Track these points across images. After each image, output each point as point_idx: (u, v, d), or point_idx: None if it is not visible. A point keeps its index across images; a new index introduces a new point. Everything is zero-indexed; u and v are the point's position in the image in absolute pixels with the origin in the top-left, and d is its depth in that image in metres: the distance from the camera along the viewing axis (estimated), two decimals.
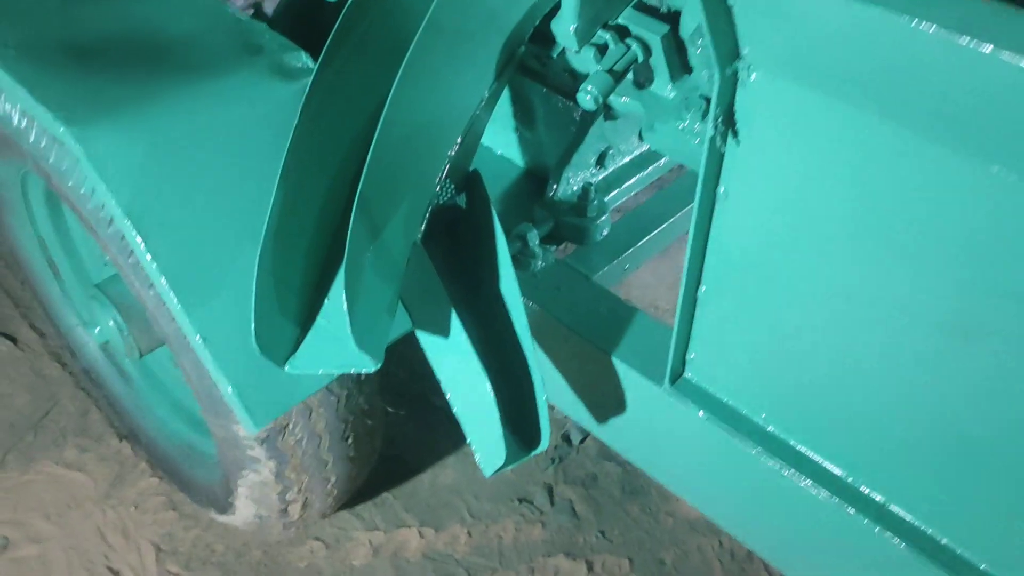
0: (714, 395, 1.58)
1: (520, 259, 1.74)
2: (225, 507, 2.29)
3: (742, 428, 1.55)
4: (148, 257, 1.64)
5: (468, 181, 1.65)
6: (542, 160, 1.99)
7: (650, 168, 2.01)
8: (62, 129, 1.63)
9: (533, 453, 1.60)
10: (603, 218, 1.88)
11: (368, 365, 1.43)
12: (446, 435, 2.82)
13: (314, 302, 1.54)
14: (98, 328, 2.26)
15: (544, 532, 2.62)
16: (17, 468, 2.72)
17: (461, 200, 1.67)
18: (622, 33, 1.71)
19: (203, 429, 2.43)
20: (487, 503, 2.69)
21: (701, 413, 1.57)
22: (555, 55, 1.76)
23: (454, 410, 1.60)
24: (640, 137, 1.78)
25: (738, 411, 1.56)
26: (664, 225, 1.99)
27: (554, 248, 1.87)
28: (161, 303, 1.76)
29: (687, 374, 1.61)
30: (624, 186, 1.97)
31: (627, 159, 2.01)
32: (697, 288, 1.51)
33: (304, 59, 1.86)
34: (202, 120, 1.74)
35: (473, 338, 1.55)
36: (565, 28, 1.68)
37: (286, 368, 1.50)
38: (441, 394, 1.60)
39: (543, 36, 1.69)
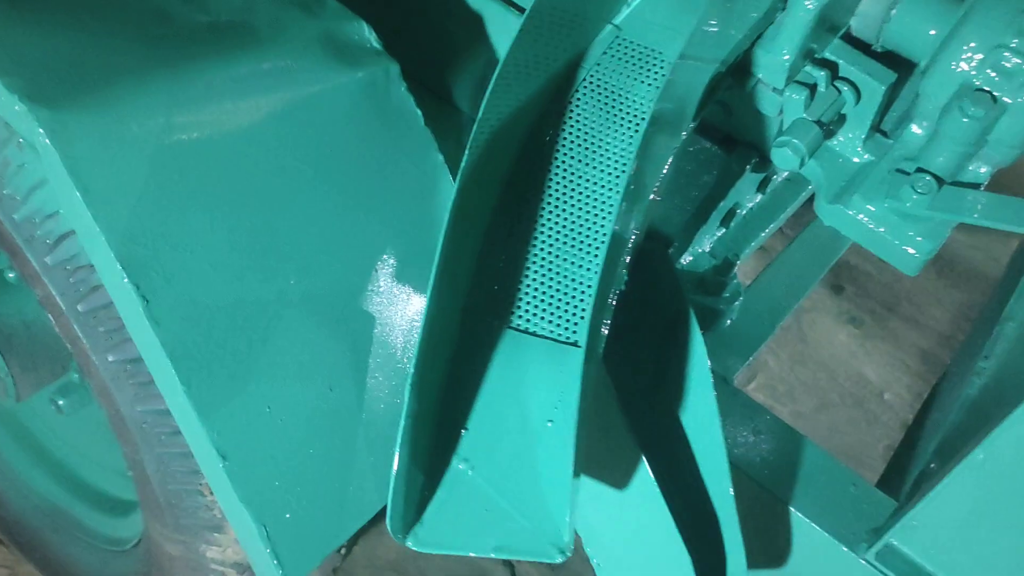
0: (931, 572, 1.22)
1: (703, 307, 1.26)
2: None
3: None
4: (146, 327, 1.04)
5: (642, 254, 1.17)
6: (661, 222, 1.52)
7: (770, 226, 1.60)
8: (18, 107, 0.98)
9: None
10: (737, 302, 1.46)
11: (556, 551, 0.93)
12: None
13: (446, 436, 1.00)
14: None
15: None
16: None
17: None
18: (832, 72, 1.29)
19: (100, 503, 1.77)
20: None
21: None
22: (747, 88, 1.29)
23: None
24: (816, 209, 1.37)
25: None
26: (797, 300, 1.58)
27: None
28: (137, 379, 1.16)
29: (894, 541, 1.23)
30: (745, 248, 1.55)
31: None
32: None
33: (367, 34, 1.27)
34: (235, 117, 1.13)
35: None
36: (774, 57, 1.23)
37: (409, 543, 0.96)
38: None
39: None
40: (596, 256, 1.01)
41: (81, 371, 1.35)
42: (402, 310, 1.24)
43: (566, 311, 1.03)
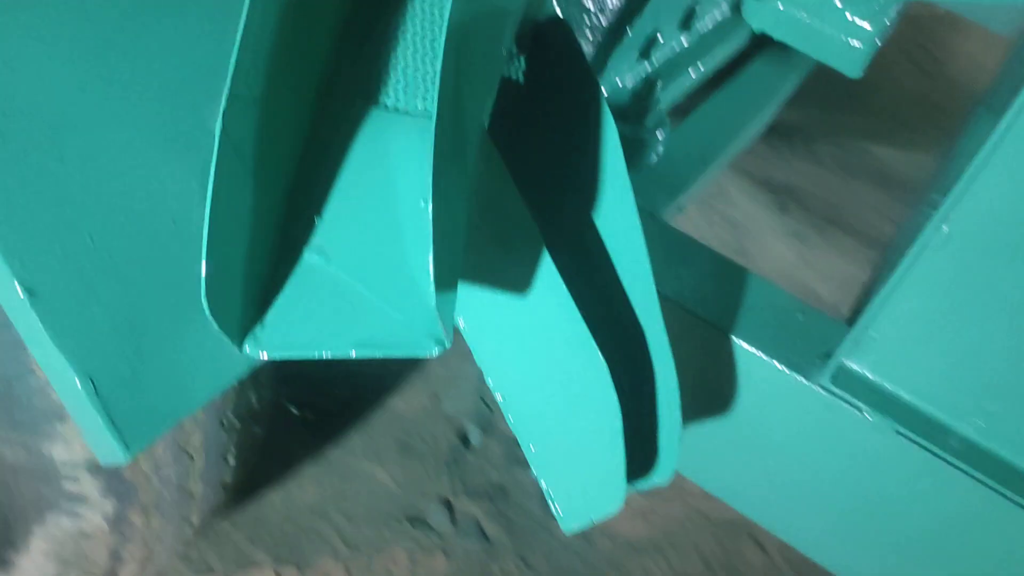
0: (900, 397, 1.04)
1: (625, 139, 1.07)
2: None
3: (939, 440, 1.03)
4: None
5: (537, 36, 0.98)
6: None
7: (702, 64, 1.42)
8: None
9: (648, 484, 0.97)
10: (660, 130, 1.28)
11: (432, 342, 0.74)
12: (299, 442, 2.08)
13: (287, 213, 0.80)
14: None
15: (448, 563, 1.98)
16: None
17: (515, 69, 0.99)
18: None
19: None
20: (366, 527, 2.00)
21: (881, 421, 1.03)
22: None
23: (512, 418, 0.93)
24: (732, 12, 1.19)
25: (934, 418, 1.04)
26: (731, 143, 1.40)
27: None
28: None
29: (855, 366, 1.06)
30: (670, 89, 1.37)
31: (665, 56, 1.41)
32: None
33: None
34: None
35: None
36: None
37: (247, 348, 0.76)
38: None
39: None
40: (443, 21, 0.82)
41: None
42: None
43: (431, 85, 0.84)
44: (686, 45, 1.41)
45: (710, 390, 1.09)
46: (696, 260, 1.15)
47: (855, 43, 1.12)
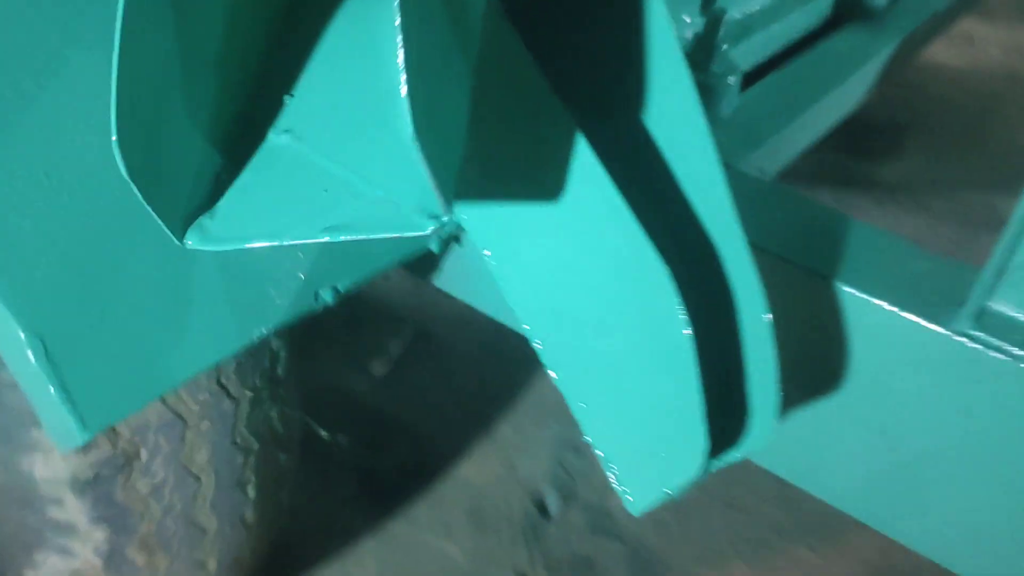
0: None
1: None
2: None
3: None
4: None
5: None
6: None
7: (777, 26, 1.24)
8: None
9: (740, 452, 0.74)
10: (732, 78, 1.09)
11: (427, 216, 0.55)
12: (358, 510, 1.87)
13: (248, 105, 0.64)
14: None
15: None
16: None
17: None
18: None
19: None
20: None
21: None
22: None
23: (555, 372, 0.72)
24: None
25: None
26: (815, 104, 1.20)
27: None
28: None
29: (1000, 307, 0.81)
30: (742, 47, 1.19)
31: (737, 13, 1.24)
32: None
33: None
34: None
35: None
36: None
37: (188, 242, 0.58)
38: None
39: None
40: None
41: None
42: None
43: None
44: (751, 7, 1.23)
45: (816, 359, 0.86)
46: (790, 206, 0.94)
47: None
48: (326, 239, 0.56)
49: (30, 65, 0.77)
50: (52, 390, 0.75)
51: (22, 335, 0.73)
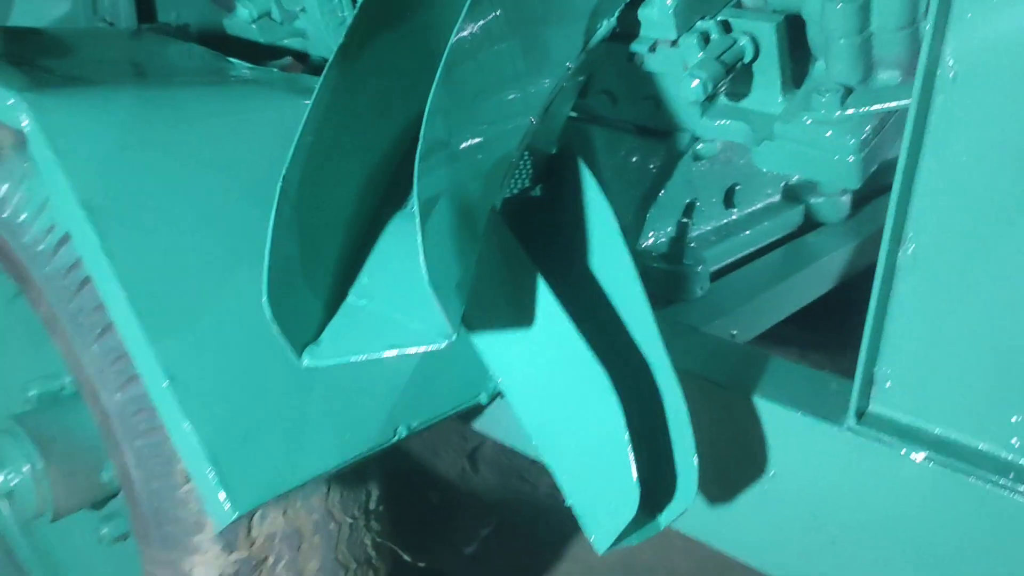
0: (925, 428, 1.09)
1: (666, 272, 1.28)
2: None
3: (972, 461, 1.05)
4: (102, 261, 1.17)
5: (555, 166, 1.26)
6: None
7: (747, 234, 1.63)
8: (12, 101, 1.22)
9: (670, 517, 1.05)
10: (701, 267, 1.47)
11: (441, 335, 0.94)
12: None
13: (341, 283, 1.06)
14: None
15: None
16: None
17: (537, 190, 1.27)
18: (726, 27, 1.43)
19: None
20: None
21: (915, 455, 1.07)
22: (643, 50, 1.44)
23: (545, 454, 1.06)
24: (756, 161, 1.42)
25: (961, 443, 1.07)
26: (783, 282, 1.56)
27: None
28: (107, 352, 1.27)
29: (875, 407, 1.12)
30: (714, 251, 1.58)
31: (711, 226, 1.64)
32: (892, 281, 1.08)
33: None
34: (191, 116, 1.36)
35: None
36: (658, 11, 1.39)
37: (304, 361, 0.98)
38: None
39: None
40: None
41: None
42: None
43: None
44: (728, 219, 1.64)
45: (734, 457, 1.16)
46: (712, 343, 1.28)
47: (850, 159, 1.32)
48: (385, 355, 0.96)
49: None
50: (211, 477, 1.13)
51: (196, 439, 1.13)
